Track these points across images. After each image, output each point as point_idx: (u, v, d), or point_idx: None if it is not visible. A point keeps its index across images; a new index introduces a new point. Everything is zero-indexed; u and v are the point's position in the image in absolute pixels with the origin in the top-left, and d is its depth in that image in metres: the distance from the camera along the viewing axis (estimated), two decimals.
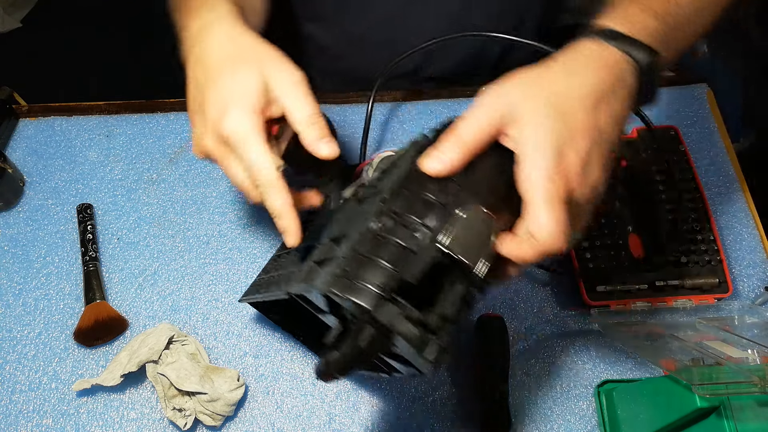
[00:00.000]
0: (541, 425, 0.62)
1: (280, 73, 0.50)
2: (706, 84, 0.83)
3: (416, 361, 0.42)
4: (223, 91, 0.49)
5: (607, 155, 0.44)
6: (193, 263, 0.70)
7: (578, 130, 0.42)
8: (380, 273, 0.40)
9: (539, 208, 0.41)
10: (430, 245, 0.41)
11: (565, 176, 0.42)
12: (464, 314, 0.43)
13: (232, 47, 0.51)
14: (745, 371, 0.47)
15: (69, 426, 0.62)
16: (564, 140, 0.42)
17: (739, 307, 0.66)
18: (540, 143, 0.42)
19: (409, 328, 0.40)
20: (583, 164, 0.42)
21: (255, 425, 0.62)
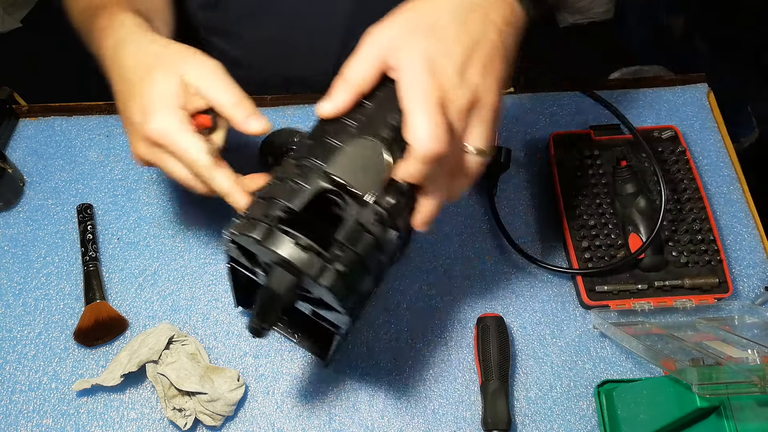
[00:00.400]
0: (541, 425, 0.62)
1: (195, 67, 0.52)
2: (707, 84, 0.83)
3: (317, 290, 0.45)
4: (143, 97, 0.52)
5: (488, 59, 0.45)
6: (193, 263, 0.70)
7: (449, 40, 0.44)
8: (269, 206, 0.44)
9: (412, 116, 0.42)
10: (318, 176, 0.44)
11: (439, 84, 0.43)
12: (367, 245, 0.44)
13: (146, 56, 0.54)
14: (745, 371, 0.47)
15: (69, 426, 0.62)
16: (434, 52, 0.43)
17: (739, 307, 0.66)
18: (412, 60, 0.43)
19: (300, 254, 0.42)
20: (457, 70, 0.43)
21: (255, 425, 0.62)
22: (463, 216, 0.73)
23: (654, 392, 0.55)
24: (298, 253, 0.43)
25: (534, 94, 0.82)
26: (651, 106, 0.80)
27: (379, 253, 0.46)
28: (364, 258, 0.44)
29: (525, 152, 0.78)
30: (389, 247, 0.47)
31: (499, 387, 0.61)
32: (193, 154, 0.50)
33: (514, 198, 0.75)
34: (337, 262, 0.43)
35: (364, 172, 0.45)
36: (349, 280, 0.44)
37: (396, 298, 0.69)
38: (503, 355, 0.62)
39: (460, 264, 0.70)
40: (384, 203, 0.44)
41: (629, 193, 0.69)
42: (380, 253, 0.46)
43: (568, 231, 0.69)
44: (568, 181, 0.72)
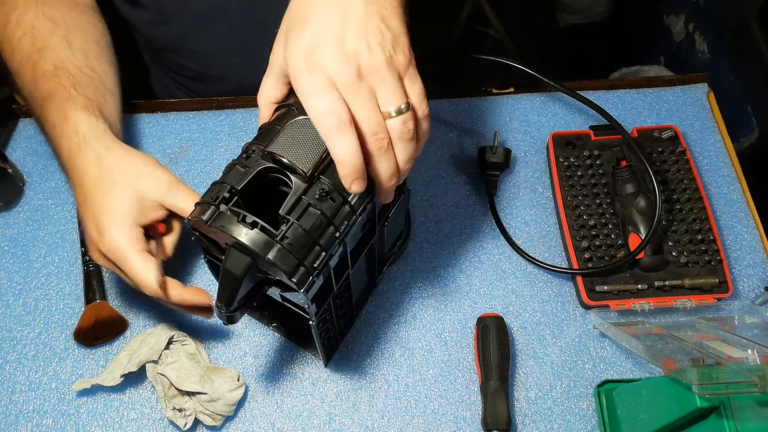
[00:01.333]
0: (541, 425, 0.62)
1: (152, 183, 0.57)
2: (706, 84, 0.83)
3: (272, 269, 0.45)
4: (98, 212, 0.56)
5: (362, 22, 0.44)
6: (194, 263, 0.70)
7: (318, 22, 0.44)
8: (217, 190, 0.46)
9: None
10: (261, 156, 0.46)
11: (322, 72, 0.42)
12: (312, 219, 0.45)
13: (102, 169, 0.57)
14: (745, 371, 0.47)
15: (69, 426, 0.62)
16: (308, 42, 0.43)
17: (739, 307, 0.66)
18: (295, 68, 0.44)
19: (246, 231, 0.44)
20: (334, 47, 0.43)
21: (255, 425, 0.62)
22: (463, 216, 0.73)
23: (654, 392, 0.55)
24: (245, 231, 0.44)
25: (534, 94, 0.82)
26: (651, 106, 0.80)
27: (331, 227, 0.46)
28: (311, 232, 0.45)
29: (525, 152, 0.78)
30: (345, 221, 0.47)
31: (499, 387, 0.61)
32: (140, 276, 0.55)
33: (514, 198, 0.75)
34: (284, 237, 0.44)
35: (304, 149, 0.45)
36: (297, 255, 0.44)
37: (395, 297, 0.69)
38: (503, 355, 0.62)
39: (460, 264, 0.70)
40: (325, 179, 0.46)
41: (629, 193, 0.69)
42: (332, 227, 0.46)
43: (568, 231, 0.69)
44: (568, 181, 0.72)
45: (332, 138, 0.42)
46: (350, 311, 0.63)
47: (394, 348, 0.66)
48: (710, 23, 1.59)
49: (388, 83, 0.43)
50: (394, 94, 0.43)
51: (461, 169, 0.76)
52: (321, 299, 0.51)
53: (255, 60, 0.82)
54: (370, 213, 0.51)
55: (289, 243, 0.44)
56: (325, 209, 0.45)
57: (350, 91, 0.42)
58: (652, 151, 0.73)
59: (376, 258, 0.61)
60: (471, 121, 0.80)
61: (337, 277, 0.52)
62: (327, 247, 0.46)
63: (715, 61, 1.56)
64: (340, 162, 0.43)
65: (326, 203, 0.45)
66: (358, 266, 0.56)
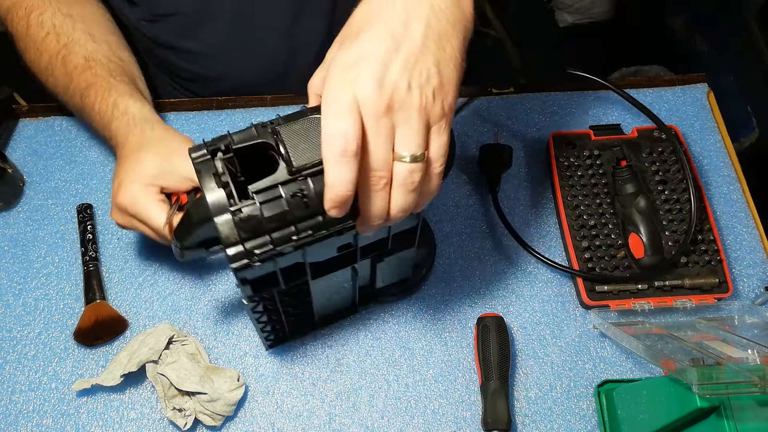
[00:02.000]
0: (541, 425, 0.62)
1: (184, 160, 0.60)
2: (707, 84, 0.83)
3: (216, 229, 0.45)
4: (126, 171, 0.61)
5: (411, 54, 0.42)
6: (193, 263, 0.70)
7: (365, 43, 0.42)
8: (220, 139, 0.46)
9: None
10: (270, 132, 0.45)
11: (351, 95, 0.40)
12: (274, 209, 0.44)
13: (144, 139, 0.64)
14: (745, 371, 0.47)
15: (69, 426, 0.62)
16: (346, 60, 0.42)
17: (739, 307, 0.66)
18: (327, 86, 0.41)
19: (212, 185, 0.44)
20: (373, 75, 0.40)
21: (255, 425, 0.62)
22: (463, 216, 0.73)
23: (654, 392, 0.55)
24: (212, 186, 0.44)
25: (534, 94, 0.82)
26: (651, 106, 0.80)
27: (291, 228, 0.45)
28: (266, 220, 0.44)
29: (525, 152, 0.78)
30: (311, 230, 0.45)
31: (499, 387, 0.61)
32: (153, 221, 0.59)
33: (514, 198, 0.75)
34: (239, 211, 0.44)
35: (308, 145, 0.44)
36: (242, 233, 0.44)
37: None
38: (503, 355, 0.62)
39: (460, 264, 0.70)
40: (310, 182, 0.44)
41: (629, 193, 0.70)
42: (293, 229, 0.45)
43: (568, 231, 0.69)
44: (568, 181, 0.72)
45: (331, 162, 0.40)
46: (309, 316, 0.63)
47: (394, 348, 0.66)
48: (710, 23, 1.59)
49: (412, 127, 0.41)
50: (414, 139, 0.41)
51: (461, 169, 0.76)
52: (261, 288, 0.51)
53: (250, 61, 0.82)
54: (354, 238, 0.50)
55: (241, 219, 0.44)
56: (293, 208, 0.44)
57: (371, 121, 0.40)
58: (652, 151, 0.73)
59: (356, 284, 0.60)
60: (471, 121, 0.80)
61: (288, 277, 0.51)
62: (277, 243, 0.45)
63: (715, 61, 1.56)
64: (330, 187, 0.41)
65: (297, 203, 0.44)
66: (329, 283, 0.56)
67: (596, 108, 0.81)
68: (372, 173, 0.41)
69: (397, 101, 0.41)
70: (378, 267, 0.58)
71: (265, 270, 0.48)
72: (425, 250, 0.68)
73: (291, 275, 0.51)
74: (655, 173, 0.71)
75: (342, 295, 0.62)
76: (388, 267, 0.59)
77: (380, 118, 0.40)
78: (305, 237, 0.45)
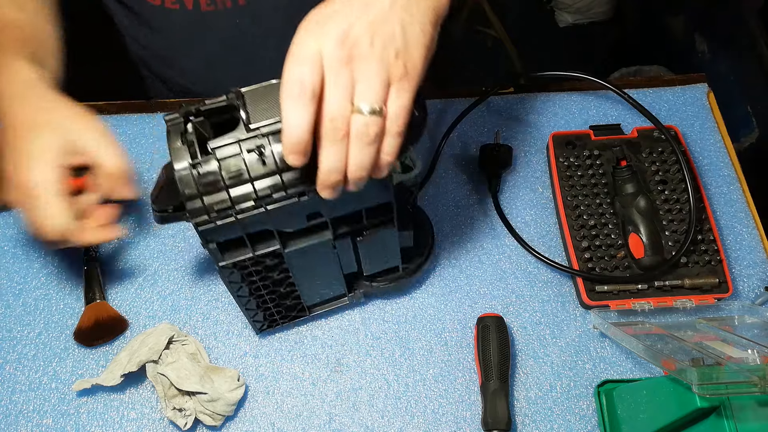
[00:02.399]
0: (541, 425, 0.62)
1: (83, 127, 0.56)
2: (707, 84, 0.83)
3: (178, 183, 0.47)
4: (25, 149, 0.55)
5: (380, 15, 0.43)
6: (193, 263, 0.70)
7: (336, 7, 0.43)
8: (196, 103, 0.48)
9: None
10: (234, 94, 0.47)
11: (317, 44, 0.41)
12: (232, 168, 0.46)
13: (35, 112, 0.57)
14: (745, 371, 0.47)
15: (69, 426, 0.62)
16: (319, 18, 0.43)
17: (739, 307, 0.66)
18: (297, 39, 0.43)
19: (178, 144, 0.46)
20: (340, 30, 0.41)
21: (255, 425, 0.62)
22: (463, 216, 0.73)
23: (654, 392, 0.55)
24: (178, 143, 0.46)
25: (534, 94, 0.82)
26: (651, 106, 0.80)
27: (249, 185, 0.46)
28: (224, 175, 0.46)
29: (525, 152, 0.78)
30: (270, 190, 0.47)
31: (499, 387, 0.61)
32: (47, 215, 0.53)
33: (514, 198, 0.75)
34: (198, 165, 0.46)
35: (269, 105, 0.46)
36: (200, 187, 0.46)
37: (395, 297, 0.69)
38: (503, 355, 0.62)
39: (460, 264, 0.70)
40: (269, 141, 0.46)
41: (629, 193, 0.70)
42: (251, 187, 0.47)
43: (568, 231, 0.69)
44: (568, 181, 0.72)
45: (287, 104, 0.41)
46: (297, 299, 0.62)
47: (394, 348, 0.66)
48: (710, 23, 1.59)
49: (370, 80, 0.42)
50: (372, 92, 0.42)
51: (461, 170, 0.76)
52: (230, 252, 0.52)
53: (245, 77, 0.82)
54: (322, 207, 0.50)
55: (200, 173, 0.45)
56: (251, 165, 0.46)
57: (331, 72, 0.41)
58: (652, 151, 0.73)
59: (341, 264, 0.60)
60: (471, 121, 0.80)
61: (257, 243, 0.52)
62: (236, 201, 0.47)
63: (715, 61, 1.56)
64: (285, 129, 0.41)
65: (255, 160, 0.46)
66: (309, 262, 0.56)
67: (596, 108, 0.81)
68: (329, 123, 0.42)
69: (357, 54, 0.41)
70: (360, 247, 0.57)
71: (231, 233, 0.49)
72: (417, 239, 0.65)
73: (260, 241, 0.52)
74: (655, 173, 0.71)
75: (329, 279, 0.61)
76: (371, 249, 0.58)
77: (340, 68, 0.41)
78: (264, 195, 0.47)
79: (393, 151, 0.44)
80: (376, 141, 0.43)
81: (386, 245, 0.59)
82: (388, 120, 0.43)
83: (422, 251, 0.67)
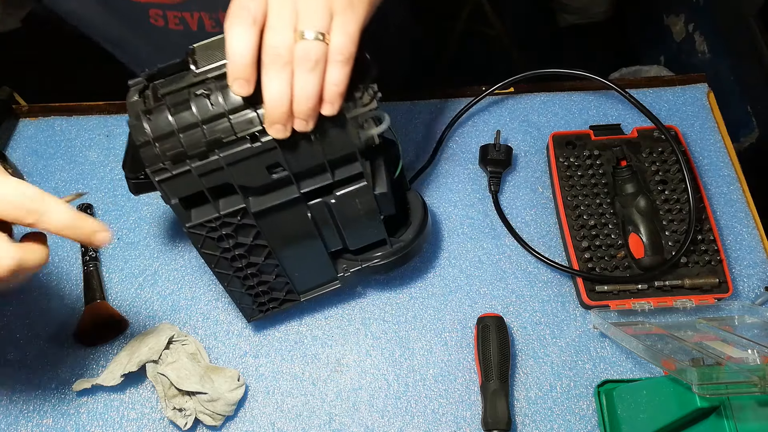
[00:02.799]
0: (541, 425, 0.62)
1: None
2: (706, 84, 0.83)
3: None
4: None
5: None
6: (193, 263, 0.70)
7: None
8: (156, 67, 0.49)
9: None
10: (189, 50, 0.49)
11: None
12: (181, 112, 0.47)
13: None
14: (745, 371, 0.47)
15: (69, 426, 0.62)
16: None
17: (739, 307, 0.66)
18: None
19: (135, 96, 0.48)
20: None
21: (255, 425, 0.62)
22: (463, 216, 0.73)
23: (654, 392, 0.55)
24: (135, 96, 0.48)
25: (534, 94, 0.82)
26: (651, 106, 0.80)
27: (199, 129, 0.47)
28: (173, 122, 0.47)
29: (525, 152, 0.78)
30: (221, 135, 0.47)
31: (499, 387, 0.61)
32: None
33: (514, 198, 0.75)
34: (149, 111, 0.47)
35: (217, 53, 0.47)
36: (153, 132, 0.47)
37: (395, 297, 0.69)
38: (503, 355, 0.62)
39: (460, 264, 0.70)
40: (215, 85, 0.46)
41: (629, 193, 0.70)
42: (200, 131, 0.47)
43: (568, 231, 0.69)
44: (568, 181, 0.72)
45: (229, 31, 0.41)
46: (279, 276, 0.60)
47: (394, 348, 0.66)
48: (710, 23, 1.59)
49: (313, 8, 0.42)
50: (313, 19, 0.42)
51: (461, 169, 0.76)
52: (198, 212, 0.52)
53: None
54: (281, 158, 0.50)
55: (149, 119, 0.46)
56: (199, 108, 0.46)
57: (275, 2, 0.42)
58: (652, 151, 0.73)
59: (320, 239, 0.58)
60: (471, 121, 0.80)
61: (220, 197, 0.52)
62: (190, 147, 0.47)
63: (715, 61, 1.56)
64: (229, 56, 0.42)
65: (202, 102, 0.46)
66: (283, 229, 0.55)
67: (596, 108, 0.81)
68: (271, 50, 0.42)
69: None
70: (336, 213, 0.55)
71: (191, 186, 0.49)
72: (405, 211, 0.64)
73: (223, 195, 0.52)
74: (655, 173, 0.71)
75: (313, 255, 0.59)
76: (349, 216, 0.56)
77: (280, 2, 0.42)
78: (214, 140, 0.47)
79: (339, 82, 0.44)
80: (318, 67, 0.43)
81: (365, 211, 0.56)
82: (332, 48, 0.43)
83: (415, 229, 0.63)
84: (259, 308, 0.63)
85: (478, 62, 1.86)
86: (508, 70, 0.77)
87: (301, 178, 0.52)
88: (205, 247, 0.55)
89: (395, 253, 0.62)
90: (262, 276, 0.60)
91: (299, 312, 0.68)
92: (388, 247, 0.62)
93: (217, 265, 0.57)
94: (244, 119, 0.47)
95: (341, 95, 0.45)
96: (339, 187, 0.54)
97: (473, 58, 1.87)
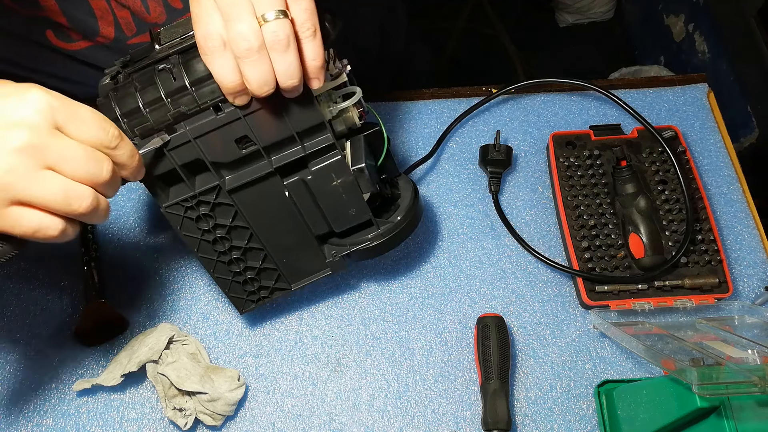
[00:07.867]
0: (541, 425, 0.62)
1: None
2: (706, 84, 0.83)
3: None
4: None
5: None
6: (193, 263, 0.70)
7: None
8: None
9: None
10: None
11: None
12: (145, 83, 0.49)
13: None
14: (745, 371, 0.47)
15: (69, 426, 0.62)
16: None
17: (739, 307, 0.66)
18: None
19: (109, 73, 0.51)
20: None
21: (255, 425, 0.62)
22: (463, 216, 0.73)
23: (654, 392, 0.55)
24: (105, 81, 0.50)
25: (534, 94, 0.82)
26: (651, 106, 0.80)
27: (164, 101, 0.48)
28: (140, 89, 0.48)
29: (525, 152, 0.78)
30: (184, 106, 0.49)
31: (499, 387, 0.61)
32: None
33: (514, 198, 0.75)
34: (117, 85, 0.49)
35: (180, 28, 0.49)
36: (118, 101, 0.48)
37: (395, 297, 0.69)
38: (503, 355, 0.62)
39: (460, 264, 0.70)
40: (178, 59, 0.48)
41: (629, 193, 0.70)
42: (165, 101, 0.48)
43: (568, 231, 0.69)
44: (568, 181, 0.72)
45: (206, 60, 0.44)
46: (266, 262, 0.60)
47: (394, 348, 0.66)
48: (710, 23, 1.59)
49: None
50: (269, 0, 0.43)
51: (461, 170, 0.76)
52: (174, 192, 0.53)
53: None
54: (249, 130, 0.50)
55: (114, 90, 0.48)
56: (163, 82, 0.48)
57: (226, 3, 0.43)
58: (652, 151, 0.73)
59: (303, 220, 0.57)
60: (471, 121, 0.80)
61: (194, 174, 0.53)
62: (156, 122, 0.48)
63: (715, 61, 1.56)
64: (218, 82, 0.45)
65: (165, 76, 0.48)
66: (262, 208, 0.56)
67: (596, 108, 0.81)
68: (242, 42, 0.43)
69: None
70: (314, 190, 0.55)
71: (164, 164, 0.50)
72: (392, 188, 0.63)
73: (199, 173, 0.53)
74: (655, 173, 0.71)
75: (297, 237, 0.58)
76: (327, 195, 0.56)
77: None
78: (180, 114, 0.48)
79: (316, 56, 0.46)
80: (291, 44, 0.44)
81: (343, 187, 0.55)
82: (297, 25, 0.44)
83: (404, 211, 0.61)
84: (249, 298, 0.62)
85: (478, 62, 1.87)
86: (508, 69, 0.77)
87: (271, 151, 0.53)
88: (185, 229, 0.55)
89: (384, 234, 0.60)
90: (248, 262, 0.59)
91: (299, 312, 0.68)
92: (375, 229, 0.60)
93: (200, 248, 0.57)
94: (207, 89, 0.48)
95: (322, 67, 0.46)
96: (313, 161, 0.54)
97: (473, 57, 1.87)
